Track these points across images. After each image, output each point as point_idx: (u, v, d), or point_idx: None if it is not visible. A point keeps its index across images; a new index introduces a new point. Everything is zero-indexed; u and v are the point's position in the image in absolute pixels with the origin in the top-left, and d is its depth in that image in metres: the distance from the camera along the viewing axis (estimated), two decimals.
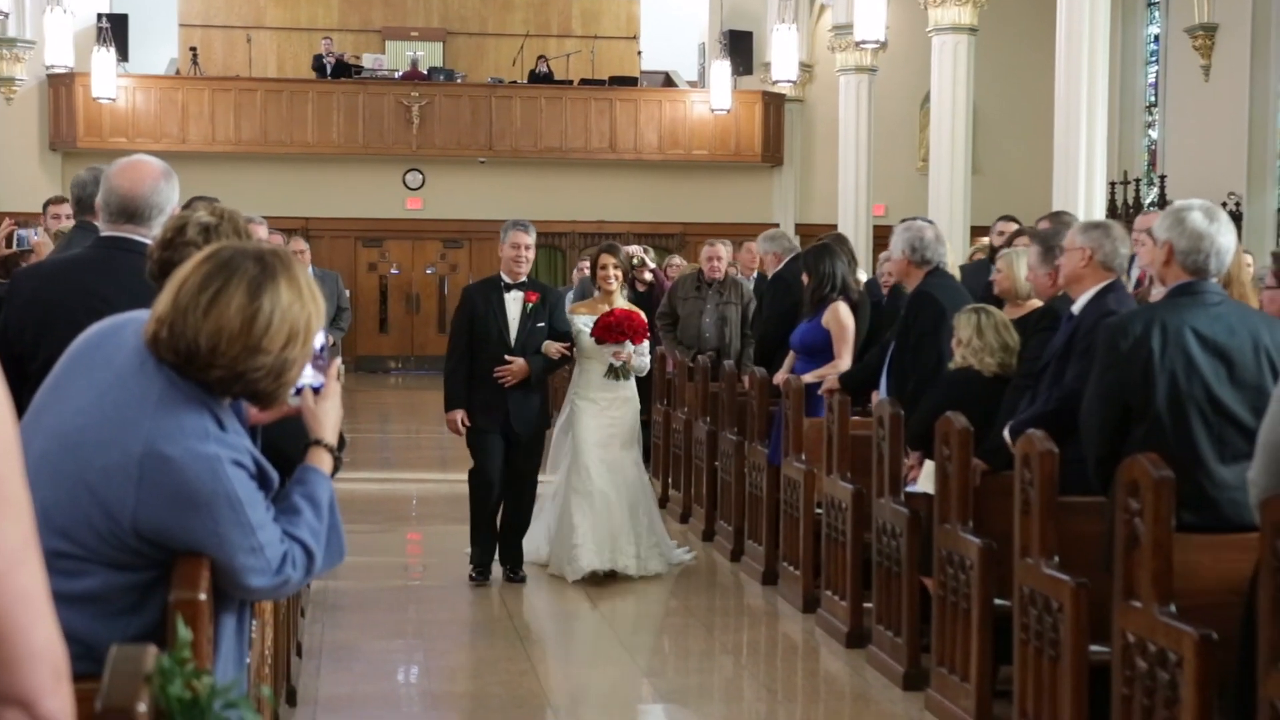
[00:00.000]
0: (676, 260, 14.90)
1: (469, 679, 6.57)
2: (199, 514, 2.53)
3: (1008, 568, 5.40)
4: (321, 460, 2.84)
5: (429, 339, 25.63)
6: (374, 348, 25.45)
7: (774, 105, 25.10)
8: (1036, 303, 6.59)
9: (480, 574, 8.32)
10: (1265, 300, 5.19)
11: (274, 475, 2.69)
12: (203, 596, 2.39)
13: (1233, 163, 20.80)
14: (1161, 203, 20.15)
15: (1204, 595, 4.46)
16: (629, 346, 8.35)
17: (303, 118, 24.16)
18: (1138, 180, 22.70)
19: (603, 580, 8.21)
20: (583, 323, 8.44)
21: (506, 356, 8.13)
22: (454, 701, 6.25)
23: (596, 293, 8.77)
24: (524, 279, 8.29)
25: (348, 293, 13.56)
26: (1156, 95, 23.45)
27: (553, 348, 8.21)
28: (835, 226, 20.42)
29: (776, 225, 11.71)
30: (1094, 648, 4.87)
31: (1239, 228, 18.81)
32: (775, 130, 25.24)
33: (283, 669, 5.63)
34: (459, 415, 8.24)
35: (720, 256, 11.15)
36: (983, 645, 5.62)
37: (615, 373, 8.41)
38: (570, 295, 11.79)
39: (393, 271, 25.64)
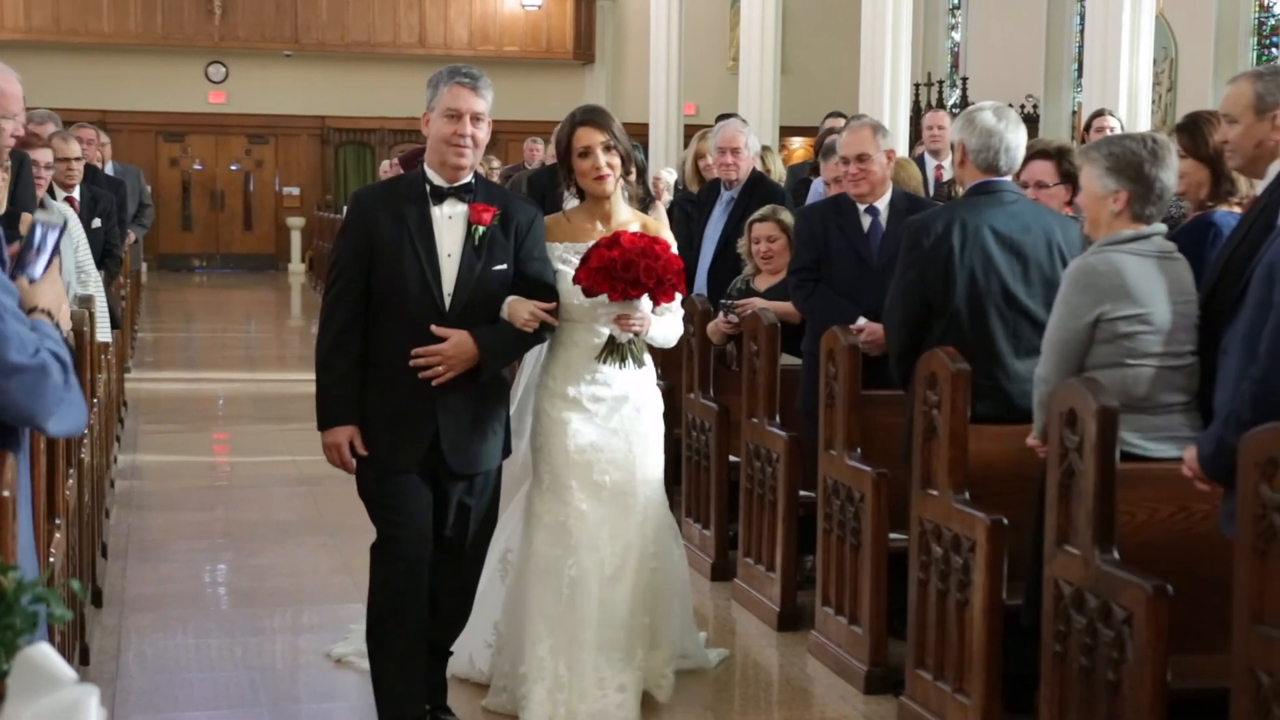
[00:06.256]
0: (495, 163, 14.72)
1: (279, 577, 6.54)
2: None
3: (812, 460, 5.55)
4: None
5: (234, 237, 25.13)
6: (177, 245, 24.87)
7: (585, 2, 24.92)
8: None
9: None
10: (1041, 199, 5.36)
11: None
12: (5, 494, 2.35)
13: (1031, 66, 21.33)
14: (964, 104, 20.57)
15: (998, 483, 4.64)
16: (646, 306, 4.57)
17: (98, 6, 23.29)
18: (941, 82, 23.13)
19: None
20: (559, 256, 4.66)
21: (435, 329, 4.27)
22: (264, 598, 6.22)
23: (572, 200, 4.87)
24: (468, 179, 4.42)
25: (149, 188, 13.21)
26: None
27: (523, 311, 4.37)
28: (647, 126, 20.47)
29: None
30: (893, 535, 5.05)
31: (1036, 129, 19.32)
32: (587, 27, 25.09)
33: (88, 569, 5.55)
34: (345, 436, 4.33)
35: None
36: (788, 536, 5.78)
37: (618, 352, 4.59)
38: None
39: (195, 167, 25.02)
